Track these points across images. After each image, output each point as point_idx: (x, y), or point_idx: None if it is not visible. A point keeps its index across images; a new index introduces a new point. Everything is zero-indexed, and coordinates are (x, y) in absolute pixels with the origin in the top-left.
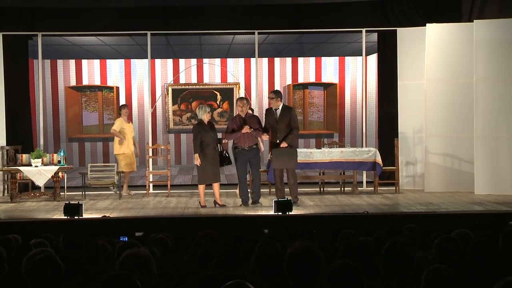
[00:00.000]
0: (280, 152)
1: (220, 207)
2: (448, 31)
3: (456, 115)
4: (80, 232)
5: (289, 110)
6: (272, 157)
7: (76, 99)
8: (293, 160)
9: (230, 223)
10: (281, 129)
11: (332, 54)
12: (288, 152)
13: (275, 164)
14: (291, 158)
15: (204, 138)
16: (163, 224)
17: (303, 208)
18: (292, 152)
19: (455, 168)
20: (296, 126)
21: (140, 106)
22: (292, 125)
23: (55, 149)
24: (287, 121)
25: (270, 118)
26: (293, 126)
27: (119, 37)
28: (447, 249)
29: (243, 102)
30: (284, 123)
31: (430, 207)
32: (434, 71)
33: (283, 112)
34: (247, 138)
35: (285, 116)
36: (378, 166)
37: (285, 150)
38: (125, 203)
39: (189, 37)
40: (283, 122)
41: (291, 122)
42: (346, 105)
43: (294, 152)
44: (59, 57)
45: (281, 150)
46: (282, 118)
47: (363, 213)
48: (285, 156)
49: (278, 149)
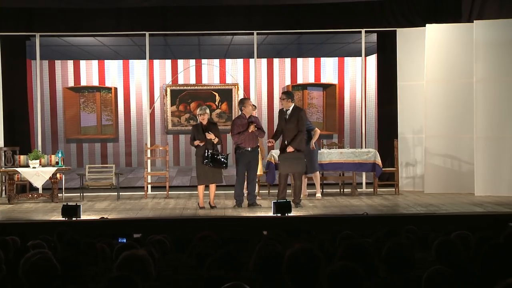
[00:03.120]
0: (286, 157)
1: (212, 208)
2: (447, 31)
3: (456, 116)
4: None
5: (297, 112)
6: (279, 163)
7: (74, 100)
8: (300, 164)
9: (228, 225)
10: (289, 130)
11: (331, 55)
12: (295, 157)
13: (282, 169)
14: (298, 163)
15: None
16: (161, 225)
17: (302, 209)
18: (298, 156)
19: (455, 169)
20: (301, 129)
21: (138, 107)
22: (298, 128)
23: (53, 150)
24: (295, 123)
25: (281, 119)
26: (299, 129)
27: (117, 38)
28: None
29: (250, 102)
30: (293, 125)
31: (430, 208)
32: (434, 72)
33: (292, 114)
34: (251, 138)
35: (293, 118)
36: (377, 167)
37: (291, 155)
38: (123, 205)
39: (187, 37)
40: (291, 123)
41: (298, 124)
42: (346, 106)
43: (301, 156)
44: (57, 57)
45: (288, 155)
46: (291, 120)
47: (363, 215)
48: (291, 161)
49: (284, 154)
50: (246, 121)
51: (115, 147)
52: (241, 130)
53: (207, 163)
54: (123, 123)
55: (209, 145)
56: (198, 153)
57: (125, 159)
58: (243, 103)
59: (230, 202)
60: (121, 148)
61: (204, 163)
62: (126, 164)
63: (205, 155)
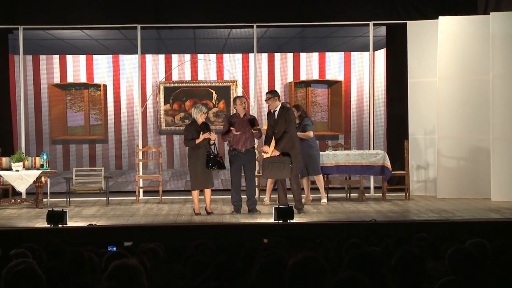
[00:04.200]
0: (270, 161)
1: (208, 214)
2: (462, 24)
3: (471, 115)
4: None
5: (285, 111)
6: (263, 167)
7: (60, 98)
8: (285, 169)
9: (226, 232)
10: (280, 133)
11: (337, 49)
12: (280, 161)
13: (265, 174)
14: (284, 168)
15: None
16: (154, 233)
17: (306, 215)
18: (284, 160)
19: (470, 172)
20: (288, 130)
21: (129, 106)
22: (285, 128)
23: (38, 152)
24: (283, 123)
25: (270, 121)
26: (286, 130)
27: (107, 31)
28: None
29: (242, 100)
30: (282, 126)
31: (443, 214)
32: (447, 68)
33: (280, 114)
34: (245, 139)
35: (281, 118)
36: (386, 170)
37: (276, 159)
38: (113, 210)
39: (182, 31)
40: (280, 125)
41: (286, 124)
42: (352, 105)
43: (286, 161)
44: (41, 52)
45: (272, 159)
46: (279, 121)
47: (371, 221)
48: (276, 166)
49: (269, 158)
50: (239, 120)
51: (104, 148)
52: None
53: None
54: (113, 123)
55: (207, 146)
56: (193, 155)
57: (115, 161)
58: (234, 101)
59: (228, 208)
60: (110, 149)
61: (209, 167)
62: (116, 167)
63: (210, 157)
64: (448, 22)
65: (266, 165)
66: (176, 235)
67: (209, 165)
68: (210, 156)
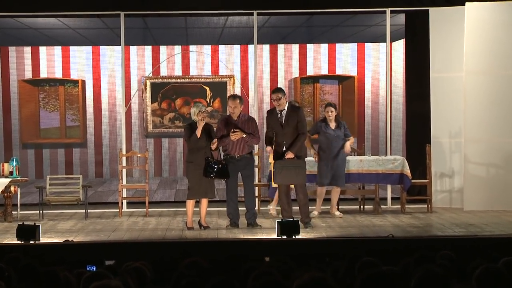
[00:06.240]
0: (284, 164)
1: (204, 229)
2: (493, 11)
3: (503, 116)
4: (38, 260)
5: (296, 111)
6: (275, 171)
7: (32, 96)
8: (300, 174)
9: (222, 249)
10: (288, 135)
11: (349, 40)
12: (295, 165)
13: (279, 179)
14: (299, 172)
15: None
16: (139, 250)
17: (313, 230)
18: (299, 164)
19: (501, 181)
20: (304, 131)
21: (111, 104)
22: (299, 130)
23: (6, 157)
24: (294, 124)
25: (274, 122)
26: (300, 131)
27: (86, 19)
28: (491, 281)
29: (236, 102)
30: (292, 128)
31: (470, 229)
32: (475, 61)
33: (289, 114)
34: (238, 144)
35: (291, 119)
36: (406, 179)
37: (290, 162)
38: (92, 224)
39: (172, 19)
40: (290, 126)
41: (299, 125)
42: (367, 103)
43: (302, 165)
44: (11, 43)
45: (286, 162)
46: (289, 121)
47: (387, 237)
48: (290, 170)
49: (282, 161)
50: (232, 122)
51: (83, 153)
52: (224, 134)
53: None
54: (93, 125)
55: (207, 151)
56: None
57: (94, 168)
58: (227, 101)
59: (224, 222)
60: (90, 155)
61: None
62: (96, 175)
63: (211, 165)
64: (477, 8)
65: (278, 169)
66: (164, 253)
67: (207, 173)
68: (209, 162)
